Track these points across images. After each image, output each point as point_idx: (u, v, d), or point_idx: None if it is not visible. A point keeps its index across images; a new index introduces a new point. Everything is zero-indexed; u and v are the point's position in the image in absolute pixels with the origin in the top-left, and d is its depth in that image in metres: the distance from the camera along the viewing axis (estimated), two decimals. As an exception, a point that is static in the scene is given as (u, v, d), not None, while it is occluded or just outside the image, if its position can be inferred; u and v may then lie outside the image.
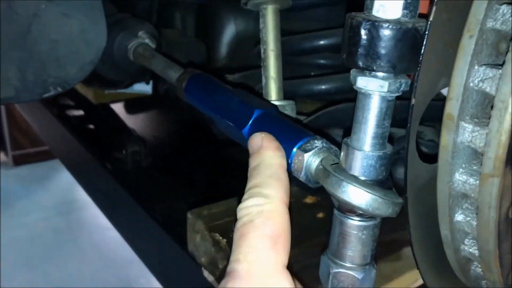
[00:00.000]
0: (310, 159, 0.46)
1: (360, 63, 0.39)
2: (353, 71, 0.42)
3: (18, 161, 4.12)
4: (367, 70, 0.40)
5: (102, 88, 1.19)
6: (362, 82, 0.40)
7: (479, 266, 0.46)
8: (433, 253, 0.48)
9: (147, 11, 0.94)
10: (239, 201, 0.45)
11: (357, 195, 0.42)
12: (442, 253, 0.48)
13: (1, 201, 3.29)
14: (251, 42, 0.95)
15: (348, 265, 0.46)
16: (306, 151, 0.46)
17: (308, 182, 0.48)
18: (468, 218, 0.42)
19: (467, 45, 0.36)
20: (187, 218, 0.74)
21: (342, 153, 0.44)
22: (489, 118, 0.36)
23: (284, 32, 0.69)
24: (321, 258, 0.48)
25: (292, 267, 0.65)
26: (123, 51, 0.82)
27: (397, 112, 0.43)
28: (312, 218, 0.77)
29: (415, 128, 0.39)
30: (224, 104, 0.59)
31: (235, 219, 0.44)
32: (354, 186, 0.42)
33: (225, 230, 0.69)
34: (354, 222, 0.45)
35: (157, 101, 1.76)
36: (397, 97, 0.41)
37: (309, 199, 0.80)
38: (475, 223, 0.41)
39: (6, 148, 4.10)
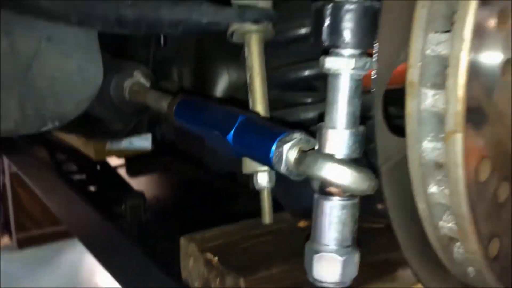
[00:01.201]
0: (289, 150, 0.48)
1: (327, 42, 0.43)
2: (321, 57, 0.45)
3: (22, 244, 4.08)
4: (333, 48, 0.43)
5: (103, 139, 1.23)
6: (330, 63, 0.44)
7: (461, 245, 0.47)
8: (415, 235, 0.49)
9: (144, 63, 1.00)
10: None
11: (333, 172, 0.43)
12: (424, 235, 0.48)
13: (4, 285, 3.23)
14: (245, 88, 1.00)
15: (330, 247, 0.46)
16: (285, 142, 0.49)
17: (289, 174, 0.49)
18: (441, 188, 0.43)
19: (421, 15, 0.40)
20: (180, 243, 0.74)
21: (317, 135, 0.46)
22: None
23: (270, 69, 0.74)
24: (305, 246, 0.49)
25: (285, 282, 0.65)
26: (119, 91, 0.87)
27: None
28: (305, 238, 0.78)
29: (380, 97, 0.41)
30: (210, 117, 0.62)
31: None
32: (330, 162, 0.43)
33: (217, 250, 0.70)
34: (332, 202, 0.46)
35: (156, 161, 1.80)
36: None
37: (302, 224, 0.81)
38: (449, 192, 0.42)
39: (11, 231, 4.09)
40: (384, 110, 0.43)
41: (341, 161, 0.44)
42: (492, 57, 0.39)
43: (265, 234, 0.75)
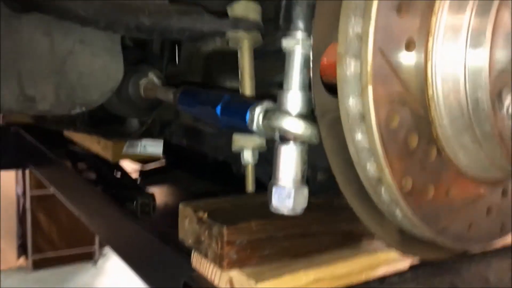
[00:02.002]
0: (259, 113, 0.64)
1: (282, 26, 0.59)
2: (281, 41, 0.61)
3: (37, 265, 4.22)
4: (287, 31, 0.59)
5: (120, 139, 1.40)
6: (285, 42, 0.60)
7: (385, 187, 0.61)
8: (353, 180, 0.63)
9: (160, 51, 1.18)
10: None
11: (288, 123, 0.59)
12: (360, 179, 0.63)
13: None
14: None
15: (284, 181, 0.61)
16: (255, 107, 0.65)
17: (259, 132, 0.65)
18: (365, 134, 0.58)
19: (346, 6, 0.56)
20: (179, 208, 0.89)
21: (277, 98, 0.62)
22: (362, 49, 0.54)
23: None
24: (268, 185, 0.64)
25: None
26: (136, 88, 1.04)
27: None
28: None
29: (317, 64, 0.57)
30: (205, 99, 0.79)
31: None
32: (286, 116, 0.59)
33: (208, 210, 0.84)
34: (287, 147, 0.61)
35: (168, 175, 1.97)
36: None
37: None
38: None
39: (27, 252, 4.24)
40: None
41: (295, 115, 0.59)
42: (397, 36, 0.55)
43: (250, 203, 0.90)
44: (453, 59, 0.59)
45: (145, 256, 1.11)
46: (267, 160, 0.96)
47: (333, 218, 0.89)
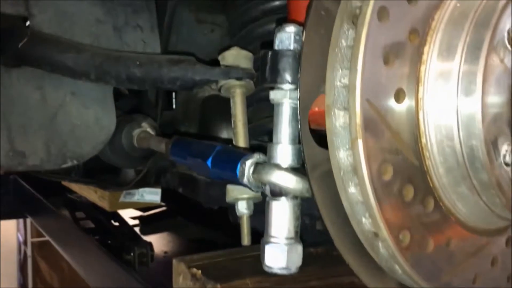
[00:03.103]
0: (249, 166, 0.62)
1: (268, 79, 0.58)
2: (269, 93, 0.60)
3: (38, 315, 4.13)
4: (274, 83, 0.58)
5: (117, 189, 1.38)
6: (273, 95, 0.59)
7: (382, 241, 0.59)
8: (349, 235, 0.61)
9: (155, 97, 1.17)
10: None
11: (278, 177, 0.57)
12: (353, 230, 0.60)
13: None
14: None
15: (277, 238, 0.59)
16: (246, 160, 0.63)
17: (250, 185, 0.63)
18: (358, 187, 0.56)
19: (332, 57, 0.55)
20: (173, 264, 0.86)
21: (267, 152, 0.60)
22: (351, 101, 0.53)
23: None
24: (261, 242, 0.62)
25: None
26: (129, 138, 1.03)
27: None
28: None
29: (306, 115, 0.56)
30: (196, 150, 0.77)
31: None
32: (276, 170, 0.57)
33: (202, 267, 0.81)
34: (279, 202, 0.59)
35: (168, 222, 1.94)
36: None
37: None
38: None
39: (29, 303, 4.16)
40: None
41: (284, 169, 0.57)
42: (385, 87, 0.54)
43: (245, 257, 0.87)
44: (445, 107, 0.57)
45: (140, 312, 1.07)
46: (263, 211, 0.94)
47: (333, 270, 0.86)
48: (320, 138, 0.59)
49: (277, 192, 0.59)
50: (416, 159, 0.57)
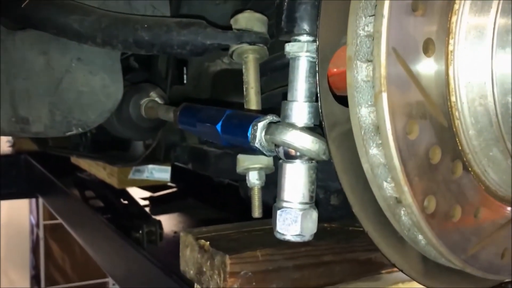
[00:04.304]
0: (261, 127, 0.58)
1: (285, 29, 0.53)
2: (285, 45, 0.55)
3: (51, 297, 4.15)
4: (290, 34, 0.53)
5: (125, 165, 1.35)
6: (289, 47, 0.54)
7: (405, 208, 0.54)
8: (368, 201, 0.56)
9: (166, 71, 1.13)
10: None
11: (293, 137, 0.52)
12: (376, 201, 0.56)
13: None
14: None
15: (290, 203, 0.55)
16: (258, 122, 0.58)
17: (262, 149, 0.59)
18: (380, 148, 0.51)
19: (355, 4, 0.50)
20: (180, 236, 0.82)
21: (281, 109, 0.56)
22: (375, 51, 0.48)
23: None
24: (272, 207, 0.57)
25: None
26: (137, 108, 0.99)
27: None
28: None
29: (325, 71, 0.51)
30: (205, 115, 0.73)
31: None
32: (291, 129, 0.53)
33: (210, 238, 0.77)
34: (293, 165, 0.55)
35: (179, 203, 1.91)
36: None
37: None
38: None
39: (40, 283, 4.18)
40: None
41: (300, 128, 0.53)
42: (413, 37, 0.49)
43: (255, 231, 0.83)
44: (478, 62, 0.52)
45: (147, 288, 1.04)
46: (275, 183, 0.89)
47: (349, 245, 0.81)
48: (339, 98, 0.54)
49: (292, 154, 0.54)
50: (444, 118, 0.52)
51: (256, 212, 0.80)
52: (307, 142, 0.52)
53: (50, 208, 2.18)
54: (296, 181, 0.54)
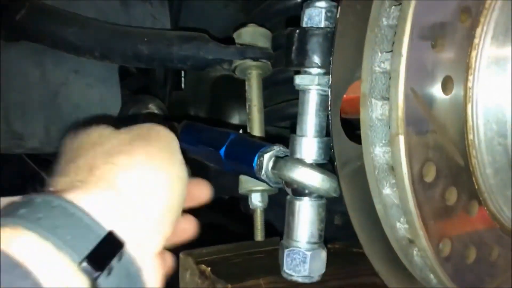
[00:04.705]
0: (268, 159, 0.55)
1: (295, 61, 0.50)
2: (294, 77, 0.53)
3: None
4: (300, 67, 0.51)
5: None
6: (299, 80, 0.51)
7: (419, 250, 0.52)
8: (378, 239, 0.54)
9: (164, 76, 1.09)
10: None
11: (302, 174, 0.50)
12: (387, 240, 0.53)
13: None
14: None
15: (298, 242, 0.52)
16: (265, 152, 0.56)
17: (269, 181, 0.56)
18: (394, 188, 0.49)
19: (370, 38, 0.47)
20: (179, 258, 0.80)
21: (290, 144, 0.53)
22: (391, 90, 0.45)
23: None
24: (279, 245, 0.55)
25: None
26: (135, 121, 0.96)
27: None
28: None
29: (337, 108, 0.48)
30: (208, 137, 0.70)
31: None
32: (300, 166, 0.50)
33: (211, 263, 0.75)
34: (302, 202, 0.52)
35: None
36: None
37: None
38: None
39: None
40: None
41: (310, 165, 0.50)
42: (432, 74, 0.46)
43: (257, 253, 0.81)
44: (498, 99, 0.49)
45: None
46: (278, 203, 0.87)
47: (353, 269, 0.79)
48: (350, 130, 0.51)
49: (300, 191, 0.52)
50: (461, 158, 0.50)
51: (259, 236, 0.78)
52: (317, 180, 0.49)
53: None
54: (304, 220, 0.52)
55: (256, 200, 0.78)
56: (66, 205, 0.36)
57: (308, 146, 0.51)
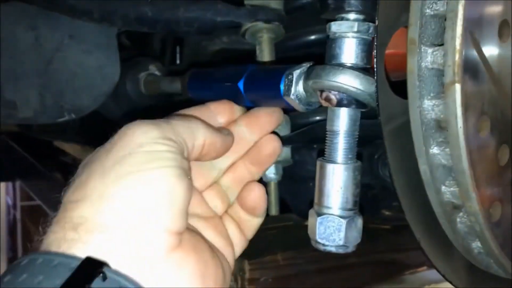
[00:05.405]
0: (299, 74, 0.49)
1: (332, 4, 0.45)
2: (328, 24, 0.47)
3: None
4: (339, 11, 0.45)
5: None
6: (336, 26, 0.46)
7: (465, 215, 0.47)
8: (420, 204, 0.49)
9: (161, 49, 1.03)
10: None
11: (341, 75, 0.44)
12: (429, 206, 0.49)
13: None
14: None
15: (332, 209, 0.47)
16: (294, 70, 0.49)
17: (299, 102, 0.49)
18: (443, 148, 0.44)
19: (420, -23, 0.42)
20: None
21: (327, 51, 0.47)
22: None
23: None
24: (309, 212, 0.50)
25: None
26: (135, 84, 0.90)
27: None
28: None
29: (382, 54, 0.43)
30: (221, 76, 0.61)
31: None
32: (339, 68, 0.45)
33: None
34: (335, 165, 0.47)
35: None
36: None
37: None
38: (450, 149, 0.43)
39: (18, 265, 4.07)
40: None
41: (351, 67, 0.45)
42: (490, 17, 0.42)
43: (271, 229, 0.76)
44: (555, 48, 0.45)
45: None
46: (292, 177, 0.82)
47: (372, 246, 0.75)
48: (393, 85, 0.46)
49: (340, 101, 0.46)
50: (514, 113, 0.45)
51: (273, 210, 0.73)
52: (361, 83, 0.44)
53: (31, 193, 2.07)
54: (339, 184, 0.47)
55: (271, 173, 0.73)
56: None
57: (347, 48, 0.46)
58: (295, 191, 0.84)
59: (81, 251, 0.36)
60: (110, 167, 0.39)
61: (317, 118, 0.83)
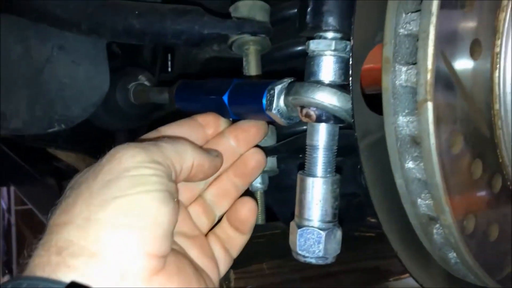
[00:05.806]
0: (280, 90, 0.50)
1: (310, 24, 0.46)
2: (307, 42, 0.49)
3: (23, 283, 4.04)
4: (316, 30, 0.47)
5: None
6: (314, 45, 0.47)
7: (440, 227, 0.49)
8: (396, 216, 0.50)
9: (152, 57, 1.04)
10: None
11: (319, 92, 0.46)
12: (405, 217, 0.50)
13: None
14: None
15: (311, 221, 0.48)
16: (275, 85, 0.50)
17: (280, 116, 0.50)
18: (418, 162, 0.45)
19: (394, -3, 0.43)
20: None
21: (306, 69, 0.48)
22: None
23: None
24: (290, 224, 0.51)
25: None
26: (124, 93, 0.91)
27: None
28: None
29: (358, 73, 0.45)
30: (207, 89, 0.62)
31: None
32: (318, 85, 0.46)
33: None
34: (315, 178, 0.48)
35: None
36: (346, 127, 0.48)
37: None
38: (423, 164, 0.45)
39: (12, 269, 4.06)
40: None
41: (329, 85, 0.46)
42: (461, 37, 0.43)
43: (258, 237, 0.77)
44: (526, 66, 0.46)
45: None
46: (278, 186, 0.83)
47: (356, 253, 0.76)
48: (369, 100, 0.48)
49: (319, 117, 0.47)
50: (487, 129, 0.47)
51: (259, 219, 0.74)
52: (338, 100, 0.45)
53: (24, 198, 2.08)
54: (318, 197, 0.48)
55: (257, 182, 0.74)
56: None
57: (325, 66, 0.47)
58: (281, 199, 0.85)
59: (66, 276, 0.37)
60: (97, 191, 0.40)
61: (303, 127, 0.85)
